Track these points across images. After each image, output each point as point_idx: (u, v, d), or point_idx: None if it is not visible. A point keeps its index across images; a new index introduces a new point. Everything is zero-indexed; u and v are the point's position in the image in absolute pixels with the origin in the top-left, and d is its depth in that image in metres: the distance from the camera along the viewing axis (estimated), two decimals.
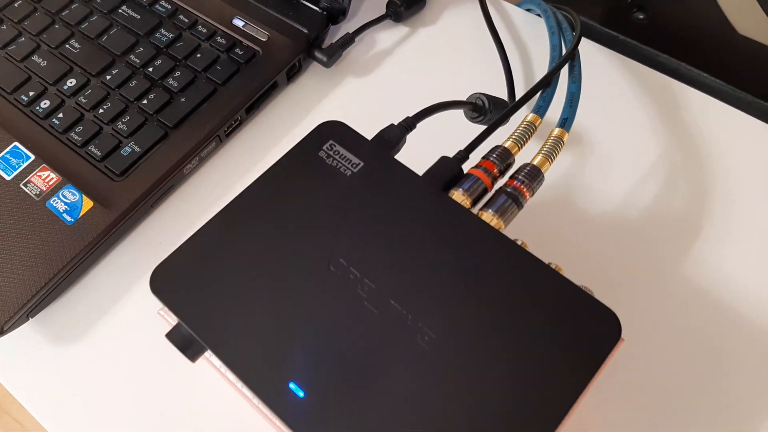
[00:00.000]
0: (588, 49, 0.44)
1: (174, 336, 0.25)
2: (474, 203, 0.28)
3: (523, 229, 0.34)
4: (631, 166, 0.39)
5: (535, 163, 0.29)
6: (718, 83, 0.48)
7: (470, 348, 0.24)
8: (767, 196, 0.38)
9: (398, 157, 0.30)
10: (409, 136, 0.31)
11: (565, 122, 0.31)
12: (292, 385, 0.23)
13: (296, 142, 0.29)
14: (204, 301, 0.25)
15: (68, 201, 0.37)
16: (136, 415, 0.33)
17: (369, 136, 0.31)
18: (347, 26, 0.46)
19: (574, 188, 0.38)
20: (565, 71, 0.35)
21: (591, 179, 0.39)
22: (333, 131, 0.29)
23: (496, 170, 0.29)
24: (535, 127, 0.31)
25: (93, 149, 0.38)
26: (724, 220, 0.37)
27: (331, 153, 0.29)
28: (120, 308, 0.36)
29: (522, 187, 0.28)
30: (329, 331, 0.24)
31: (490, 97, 0.35)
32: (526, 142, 0.30)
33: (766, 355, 0.33)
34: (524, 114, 0.32)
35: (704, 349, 0.33)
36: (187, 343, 0.25)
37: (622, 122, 0.41)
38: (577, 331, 0.24)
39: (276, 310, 0.25)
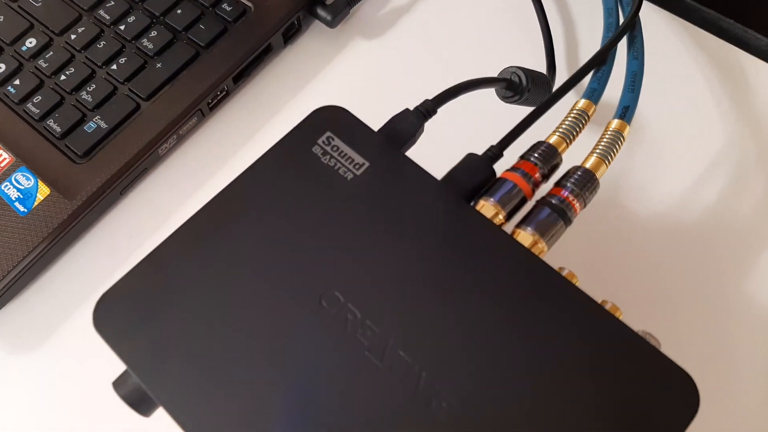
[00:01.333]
0: (642, 10, 0.37)
1: (122, 387, 0.20)
2: (509, 217, 0.22)
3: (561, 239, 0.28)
4: (691, 158, 0.33)
5: (587, 165, 0.23)
6: None
7: (502, 422, 0.18)
8: None
9: (412, 151, 0.24)
10: (428, 125, 0.25)
11: (626, 111, 0.24)
12: None
13: (285, 134, 0.23)
14: (160, 345, 0.19)
15: (22, 187, 0.31)
16: None
17: (378, 114, 0.24)
18: None
19: (621, 184, 0.32)
20: (622, 44, 0.28)
21: (641, 174, 0.32)
22: (332, 120, 0.23)
23: (538, 174, 0.23)
24: (588, 117, 0.24)
25: (52, 124, 0.32)
26: None
27: (328, 149, 0.22)
28: (83, 312, 0.31)
29: (571, 197, 0.22)
30: (318, 389, 0.19)
31: (528, 72, 0.29)
32: (576, 136, 0.24)
33: None
34: (571, 101, 0.26)
35: None
36: (139, 396, 0.20)
37: (682, 103, 0.34)
38: (642, 404, 0.18)
39: (251, 361, 0.19)
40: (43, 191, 0.31)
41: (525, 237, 0.21)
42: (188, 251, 0.21)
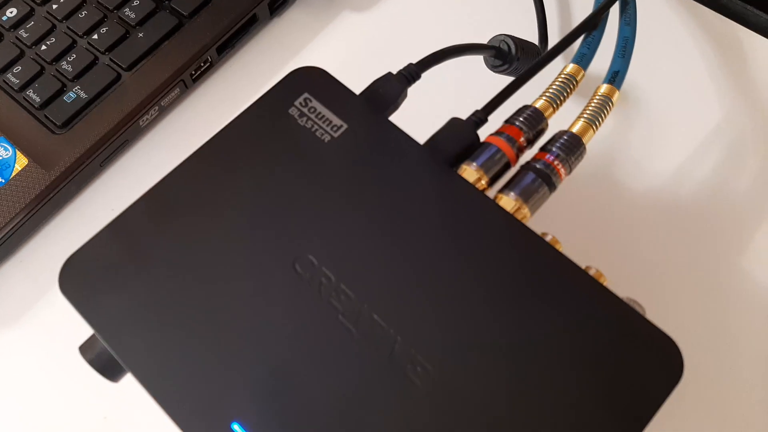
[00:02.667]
0: None
1: (88, 351, 0.19)
2: (492, 182, 0.21)
3: (549, 210, 0.27)
4: (687, 133, 0.32)
5: (574, 130, 0.22)
6: None
7: (479, 388, 0.17)
8: None
9: (395, 116, 0.23)
10: (412, 90, 0.24)
11: (616, 77, 0.24)
12: (235, 427, 0.17)
13: (260, 94, 0.22)
14: (126, 308, 0.19)
15: None
16: (77, 419, 0.27)
17: (364, 87, 0.24)
18: None
19: (616, 159, 0.31)
20: (614, 11, 0.27)
21: (637, 148, 0.32)
22: (310, 81, 0.22)
23: (522, 139, 0.22)
24: (576, 82, 0.24)
25: (31, 94, 0.32)
26: None
27: (305, 111, 0.22)
28: (59, 291, 0.30)
29: (556, 162, 0.21)
30: (290, 354, 0.18)
31: (517, 41, 0.28)
32: (564, 101, 0.23)
33: None
34: (560, 66, 0.25)
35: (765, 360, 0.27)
36: (106, 361, 0.19)
37: (679, 78, 0.33)
38: (623, 370, 0.17)
39: (221, 324, 0.18)
40: (21, 162, 0.30)
41: (507, 202, 0.21)
42: (157, 214, 0.20)
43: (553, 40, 0.33)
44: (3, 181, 0.30)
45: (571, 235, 0.25)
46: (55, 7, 0.34)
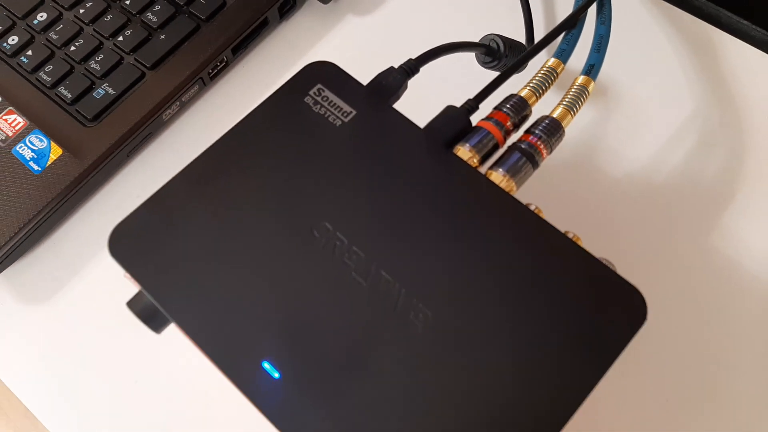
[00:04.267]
0: None
1: (135, 305, 0.22)
2: (483, 161, 0.24)
3: (537, 191, 0.30)
4: (660, 124, 0.35)
5: (554, 115, 0.25)
6: (760, 32, 0.44)
7: (471, 329, 0.20)
8: None
9: (397, 106, 0.26)
10: (412, 83, 0.27)
11: (592, 69, 0.27)
12: (265, 365, 0.20)
13: (271, 90, 0.25)
14: (169, 266, 0.22)
15: (36, 148, 0.33)
16: (109, 383, 0.30)
17: (367, 81, 0.27)
18: None
19: (596, 147, 0.34)
20: (592, 12, 0.30)
21: (615, 137, 0.35)
22: (322, 74, 0.25)
23: (509, 123, 0.25)
24: (557, 74, 0.27)
25: (63, 91, 0.35)
26: (762, 189, 0.33)
27: (318, 99, 0.25)
28: (93, 267, 0.33)
29: (538, 143, 0.24)
30: (310, 304, 0.21)
31: (506, 40, 0.31)
32: (546, 91, 0.26)
33: None
34: (544, 60, 0.28)
35: (731, 326, 0.30)
36: (151, 313, 0.22)
37: (653, 74, 0.37)
38: (596, 312, 0.21)
39: (250, 279, 0.21)
40: (56, 152, 0.33)
41: (497, 177, 0.24)
42: (193, 187, 0.23)
43: (538, 38, 0.36)
44: (39, 169, 0.33)
45: (554, 215, 0.29)
46: (82, 11, 0.37)
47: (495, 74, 0.28)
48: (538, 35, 0.37)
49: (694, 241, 0.32)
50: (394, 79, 0.26)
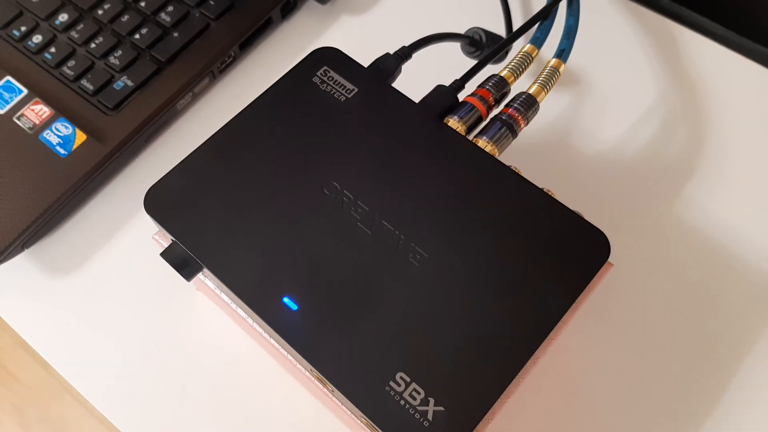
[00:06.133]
0: None
1: (169, 255, 0.25)
2: (469, 131, 0.28)
3: (519, 165, 0.34)
4: (628, 109, 0.39)
5: (530, 92, 0.29)
6: (719, 28, 0.48)
7: (460, 266, 0.24)
8: (763, 141, 0.38)
9: (394, 85, 0.30)
10: (405, 67, 0.31)
11: (562, 53, 0.30)
12: (285, 299, 0.23)
13: (290, 68, 0.29)
14: (198, 221, 0.25)
15: (61, 134, 0.36)
16: (131, 345, 0.33)
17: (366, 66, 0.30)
18: None
19: (570, 130, 0.38)
20: (563, 6, 0.34)
21: (587, 121, 0.38)
22: (327, 57, 0.29)
23: (491, 99, 0.29)
24: (532, 58, 0.30)
25: (85, 83, 0.38)
26: (719, 163, 0.37)
27: (325, 79, 0.28)
28: (114, 242, 0.36)
29: (517, 115, 0.28)
30: (322, 249, 0.24)
31: (488, 33, 0.35)
32: (523, 72, 0.30)
33: (753, 292, 0.33)
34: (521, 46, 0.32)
35: (693, 286, 0.33)
36: (183, 262, 0.25)
37: (622, 64, 0.40)
38: (567, 249, 0.24)
39: (270, 230, 0.25)
40: (80, 137, 0.36)
41: (482, 143, 0.27)
42: (218, 152, 0.26)
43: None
44: (66, 153, 0.36)
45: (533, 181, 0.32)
46: (100, 12, 0.40)
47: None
48: (516, 25, 0.41)
49: (660, 209, 0.36)
50: (390, 63, 0.30)
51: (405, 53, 0.31)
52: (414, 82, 0.32)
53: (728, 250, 0.34)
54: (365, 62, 0.41)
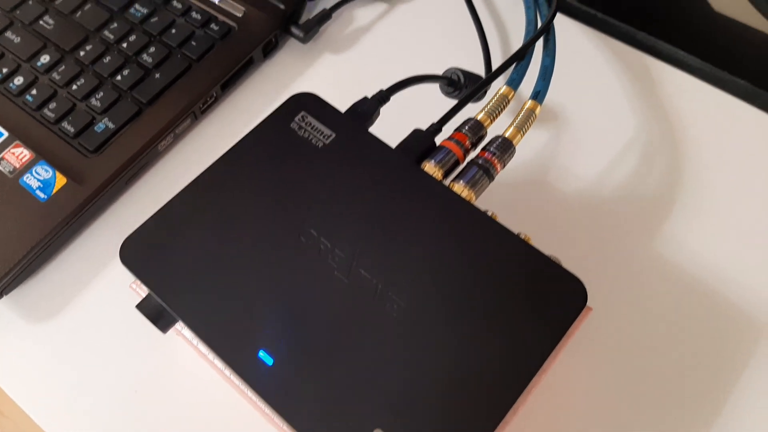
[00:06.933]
0: (566, 25, 0.44)
1: (144, 307, 0.25)
2: (446, 175, 0.28)
3: (496, 207, 0.34)
4: (606, 144, 0.39)
5: (506, 135, 0.29)
6: (696, 61, 0.49)
7: (438, 315, 0.24)
8: (740, 175, 0.38)
9: (371, 130, 0.30)
10: (384, 109, 0.31)
11: (538, 95, 0.31)
12: (261, 353, 0.23)
13: (258, 121, 0.29)
14: (174, 272, 0.25)
15: (41, 178, 0.36)
16: (110, 392, 0.33)
17: (344, 110, 0.31)
18: (325, 1, 0.45)
19: (548, 166, 0.39)
20: (540, 46, 0.35)
21: (565, 157, 0.39)
22: (305, 103, 0.29)
23: (468, 142, 0.29)
24: (508, 100, 0.31)
25: (66, 126, 0.38)
26: (697, 198, 0.37)
27: (303, 125, 0.28)
28: (94, 286, 0.36)
29: (493, 159, 0.28)
30: (299, 300, 0.24)
31: (465, 72, 0.35)
32: (499, 114, 0.30)
33: (731, 328, 0.33)
34: (499, 86, 0.32)
35: (671, 323, 0.33)
36: (158, 313, 0.25)
37: (599, 100, 0.41)
38: (544, 298, 0.24)
39: (246, 280, 0.25)
40: (60, 181, 0.36)
41: (458, 188, 0.27)
42: (194, 202, 0.26)
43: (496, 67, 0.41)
44: (45, 196, 0.36)
45: (509, 223, 0.32)
46: (82, 54, 0.41)
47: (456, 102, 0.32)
48: (496, 63, 0.41)
49: (639, 245, 0.36)
50: (368, 107, 0.30)
51: (383, 96, 0.31)
52: (393, 121, 0.33)
53: (706, 285, 0.34)
54: (347, 100, 0.41)
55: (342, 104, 0.32)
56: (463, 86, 0.35)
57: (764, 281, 0.34)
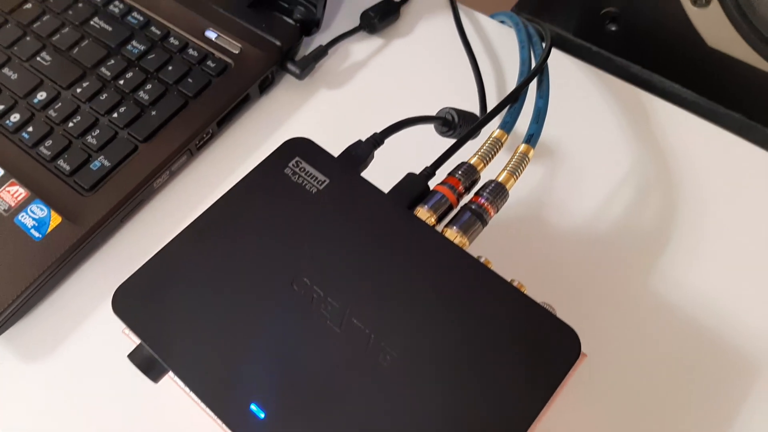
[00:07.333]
0: (561, 61, 0.44)
1: (136, 357, 0.25)
2: (440, 219, 0.28)
3: (493, 243, 0.34)
4: (602, 179, 0.39)
5: (500, 180, 0.29)
6: (691, 94, 0.49)
7: (431, 367, 0.24)
8: (735, 209, 0.38)
9: (366, 172, 0.30)
10: (378, 151, 0.31)
11: (531, 138, 0.31)
12: (252, 407, 0.23)
13: (262, 159, 0.29)
14: (166, 322, 0.25)
15: (36, 216, 0.36)
16: None
17: (341, 149, 0.31)
18: (321, 37, 0.46)
19: (544, 202, 0.39)
20: (533, 86, 0.35)
21: (561, 192, 0.39)
22: (299, 148, 0.29)
23: (461, 187, 0.29)
24: (502, 143, 0.31)
25: (62, 164, 0.38)
26: (693, 233, 0.37)
27: (297, 170, 0.28)
28: (89, 325, 0.36)
29: (486, 204, 0.28)
30: (291, 351, 0.24)
31: (459, 112, 0.36)
32: (492, 158, 0.30)
33: (729, 367, 0.33)
34: (493, 127, 0.32)
35: (668, 362, 0.33)
36: (149, 364, 0.25)
37: (594, 135, 0.41)
38: (537, 349, 0.24)
39: (238, 331, 0.25)
40: (55, 220, 0.36)
41: (451, 234, 0.27)
42: (186, 251, 0.26)
43: (491, 104, 0.41)
44: (40, 236, 0.36)
45: (506, 264, 0.32)
46: (79, 91, 0.41)
47: (451, 141, 0.32)
48: (491, 103, 0.41)
49: (635, 283, 0.36)
50: (362, 151, 0.30)
51: (377, 140, 0.31)
52: (388, 160, 0.33)
53: (702, 323, 0.34)
54: (342, 135, 0.41)
55: (338, 140, 0.32)
56: (457, 125, 0.35)
57: (760, 317, 0.34)
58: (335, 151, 0.31)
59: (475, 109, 0.41)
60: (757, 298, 0.35)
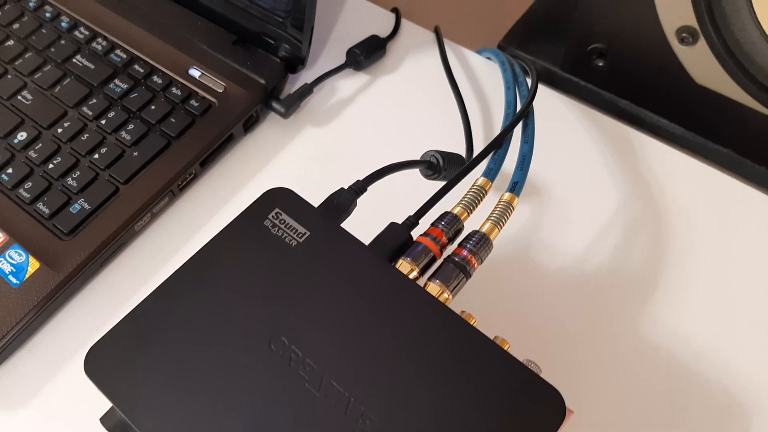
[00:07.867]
0: (548, 97, 0.44)
1: (108, 420, 0.24)
2: (423, 272, 0.28)
3: (480, 286, 0.33)
4: (589, 219, 0.39)
5: (483, 230, 0.29)
6: (679, 129, 0.49)
7: (411, 430, 0.23)
8: (724, 247, 0.38)
9: (349, 221, 0.30)
10: (360, 200, 0.31)
11: (515, 186, 0.31)
12: None
13: (244, 204, 0.28)
14: (138, 385, 0.24)
15: (14, 262, 0.35)
16: None
17: (325, 190, 0.30)
18: (307, 74, 0.46)
19: (531, 242, 0.38)
20: (519, 129, 0.35)
21: (548, 232, 0.38)
22: (279, 199, 0.29)
23: (444, 238, 0.28)
24: (486, 192, 0.30)
25: (42, 206, 0.37)
26: (682, 275, 0.37)
27: (276, 222, 0.28)
28: (67, 373, 0.35)
29: (470, 256, 0.28)
30: (268, 416, 0.23)
31: (444, 154, 0.35)
32: (476, 207, 0.30)
33: (721, 414, 0.32)
34: (479, 171, 0.32)
35: (659, 410, 0.33)
36: (122, 428, 0.24)
37: (581, 173, 0.41)
38: (521, 413, 0.23)
39: (213, 394, 0.24)
40: (34, 265, 0.35)
41: (434, 288, 0.27)
42: (160, 310, 0.26)
43: (477, 143, 0.41)
44: (18, 282, 0.35)
45: (491, 309, 0.32)
46: (60, 131, 0.40)
47: (436, 184, 0.31)
48: (477, 143, 0.41)
49: (623, 325, 0.35)
50: (345, 199, 0.30)
51: (359, 187, 0.30)
52: (372, 203, 0.32)
53: (694, 371, 0.34)
54: (328, 176, 0.41)
55: (323, 179, 0.32)
56: (442, 168, 0.35)
57: (750, 360, 0.34)
58: (319, 192, 0.31)
59: (462, 147, 0.41)
60: (747, 339, 0.35)
